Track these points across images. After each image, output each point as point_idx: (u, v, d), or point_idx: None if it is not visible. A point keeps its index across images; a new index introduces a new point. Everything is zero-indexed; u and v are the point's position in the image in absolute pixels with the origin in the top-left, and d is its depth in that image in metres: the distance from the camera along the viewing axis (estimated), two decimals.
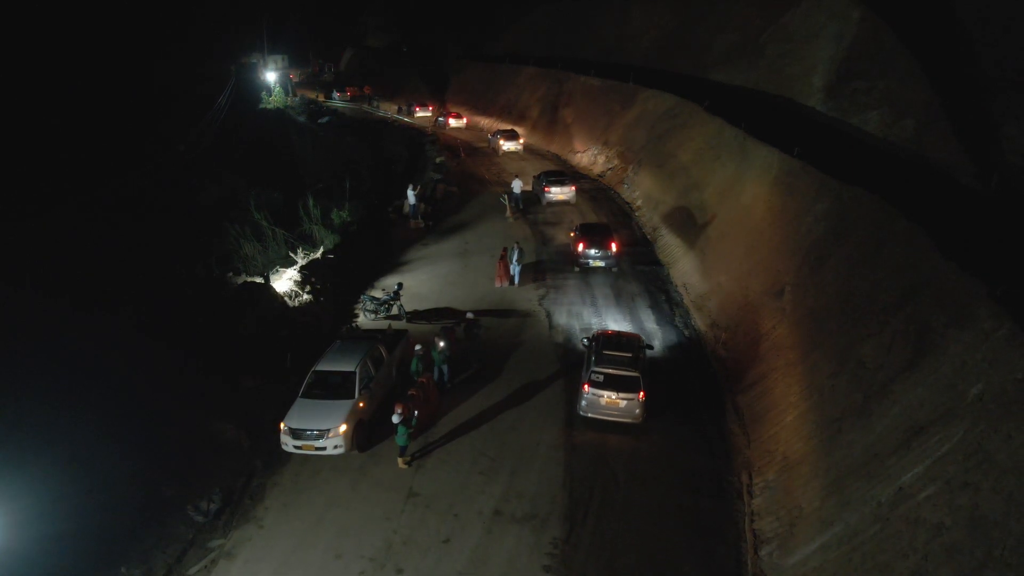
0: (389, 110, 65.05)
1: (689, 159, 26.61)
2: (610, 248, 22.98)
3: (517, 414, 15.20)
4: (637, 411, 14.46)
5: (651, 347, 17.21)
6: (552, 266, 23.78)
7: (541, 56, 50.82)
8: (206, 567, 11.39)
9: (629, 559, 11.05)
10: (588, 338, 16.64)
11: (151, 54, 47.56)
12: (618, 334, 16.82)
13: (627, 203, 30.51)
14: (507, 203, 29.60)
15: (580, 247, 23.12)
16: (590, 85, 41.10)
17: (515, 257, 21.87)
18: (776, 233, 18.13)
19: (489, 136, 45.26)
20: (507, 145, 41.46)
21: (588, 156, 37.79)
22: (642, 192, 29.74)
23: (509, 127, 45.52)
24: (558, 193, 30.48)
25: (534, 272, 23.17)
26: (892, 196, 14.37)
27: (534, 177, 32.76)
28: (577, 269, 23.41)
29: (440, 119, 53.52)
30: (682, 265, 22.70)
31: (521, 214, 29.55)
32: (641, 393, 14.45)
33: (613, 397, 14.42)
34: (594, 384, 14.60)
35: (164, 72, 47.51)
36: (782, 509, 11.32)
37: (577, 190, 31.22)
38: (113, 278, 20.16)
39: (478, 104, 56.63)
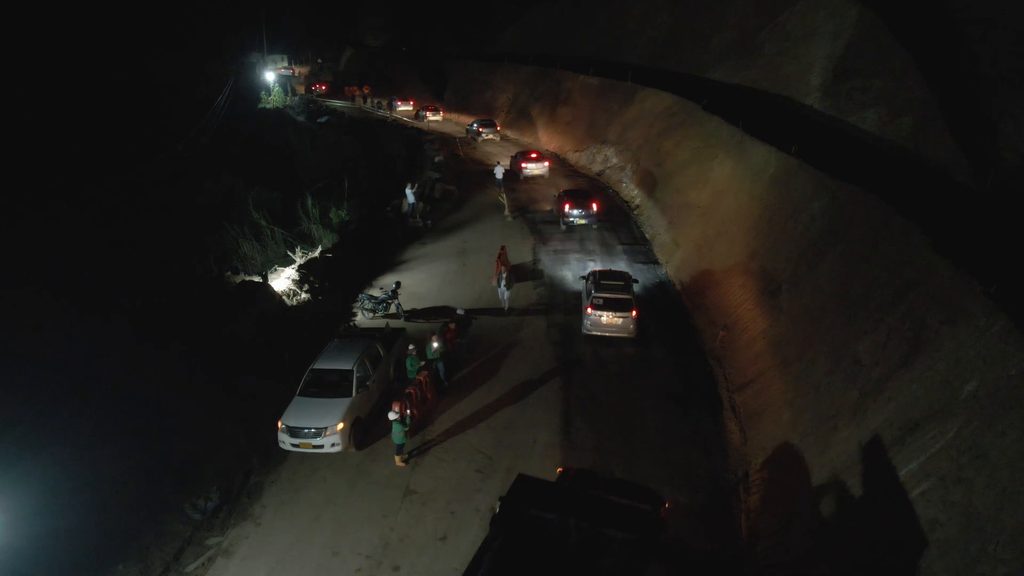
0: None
1: (687, 157, 26.63)
2: (591, 208, 26.40)
3: (514, 412, 15.22)
4: (631, 327, 17.66)
5: (636, 281, 19.85)
6: (550, 266, 23.79)
7: (540, 55, 50.82)
8: (203, 564, 11.42)
9: None
10: (584, 276, 20.11)
11: (152, 55, 47.59)
12: (610, 270, 20.06)
13: (625, 202, 30.54)
14: (505, 201, 29.68)
15: (566, 207, 26.59)
16: (588, 84, 41.10)
17: (503, 282, 19.98)
18: (773, 231, 18.16)
19: (467, 126, 49.27)
20: (485, 133, 46.66)
21: (586, 155, 37.81)
22: (640, 190, 29.76)
23: (487, 117, 49.95)
24: (533, 169, 34.85)
25: (533, 271, 23.20)
26: (888, 194, 14.38)
27: (511, 157, 36.63)
28: (564, 227, 26.65)
29: (420, 113, 58.29)
30: (679, 263, 22.74)
31: (520, 212, 29.59)
32: (634, 311, 17.62)
33: (611, 316, 17.56)
34: (596, 307, 17.70)
35: (164, 72, 47.52)
36: (778, 505, 11.35)
37: (551, 166, 35.45)
38: (111, 277, 20.16)
39: (476, 103, 56.59)
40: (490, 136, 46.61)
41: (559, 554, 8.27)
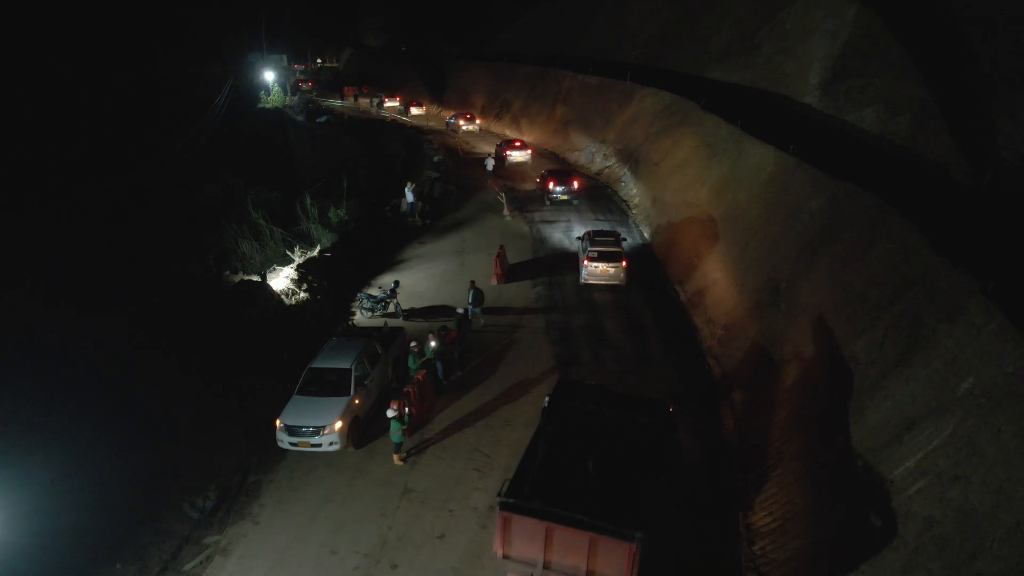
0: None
1: (686, 157, 26.64)
2: (572, 185, 29.75)
3: (512, 410, 15.23)
4: (622, 275, 20.62)
5: (625, 239, 22.59)
6: (548, 267, 23.77)
7: (539, 54, 50.87)
8: (201, 563, 11.43)
9: None
10: (580, 236, 23.04)
11: (151, 55, 47.75)
12: (602, 230, 23.06)
13: (624, 201, 30.55)
14: (504, 201, 29.71)
15: (550, 185, 29.81)
16: (587, 83, 41.11)
17: (470, 298, 18.88)
18: (771, 230, 18.16)
19: (448, 120, 52.52)
20: (465, 126, 50.03)
21: (586, 154, 37.83)
22: (639, 190, 29.77)
23: (466, 111, 53.02)
24: (517, 156, 37.80)
25: (533, 271, 23.19)
26: (886, 193, 14.38)
27: (496, 145, 39.97)
28: (548, 203, 29.78)
29: (403, 107, 62.88)
30: (678, 262, 22.73)
31: (518, 211, 29.62)
32: (624, 262, 20.53)
33: (605, 267, 20.53)
34: (591, 259, 20.59)
35: (164, 72, 47.68)
36: (776, 504, 11.35)
37: (534, 154, 38.57)
38: (111, 276, 20.18)
39: (475, 102, 56.67)
40: (469, 128, 49.72)
41: (598, 435, 10.61)
